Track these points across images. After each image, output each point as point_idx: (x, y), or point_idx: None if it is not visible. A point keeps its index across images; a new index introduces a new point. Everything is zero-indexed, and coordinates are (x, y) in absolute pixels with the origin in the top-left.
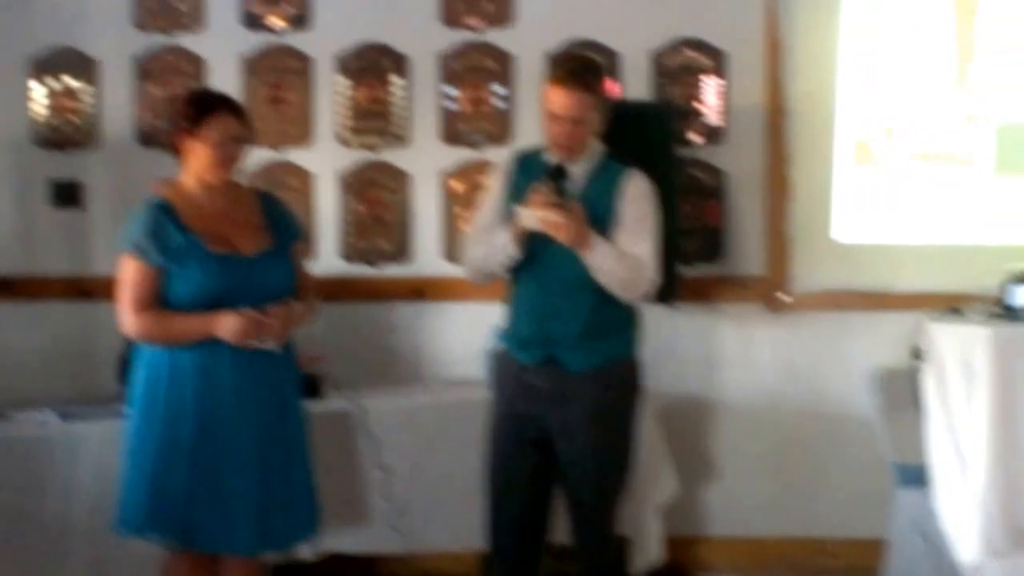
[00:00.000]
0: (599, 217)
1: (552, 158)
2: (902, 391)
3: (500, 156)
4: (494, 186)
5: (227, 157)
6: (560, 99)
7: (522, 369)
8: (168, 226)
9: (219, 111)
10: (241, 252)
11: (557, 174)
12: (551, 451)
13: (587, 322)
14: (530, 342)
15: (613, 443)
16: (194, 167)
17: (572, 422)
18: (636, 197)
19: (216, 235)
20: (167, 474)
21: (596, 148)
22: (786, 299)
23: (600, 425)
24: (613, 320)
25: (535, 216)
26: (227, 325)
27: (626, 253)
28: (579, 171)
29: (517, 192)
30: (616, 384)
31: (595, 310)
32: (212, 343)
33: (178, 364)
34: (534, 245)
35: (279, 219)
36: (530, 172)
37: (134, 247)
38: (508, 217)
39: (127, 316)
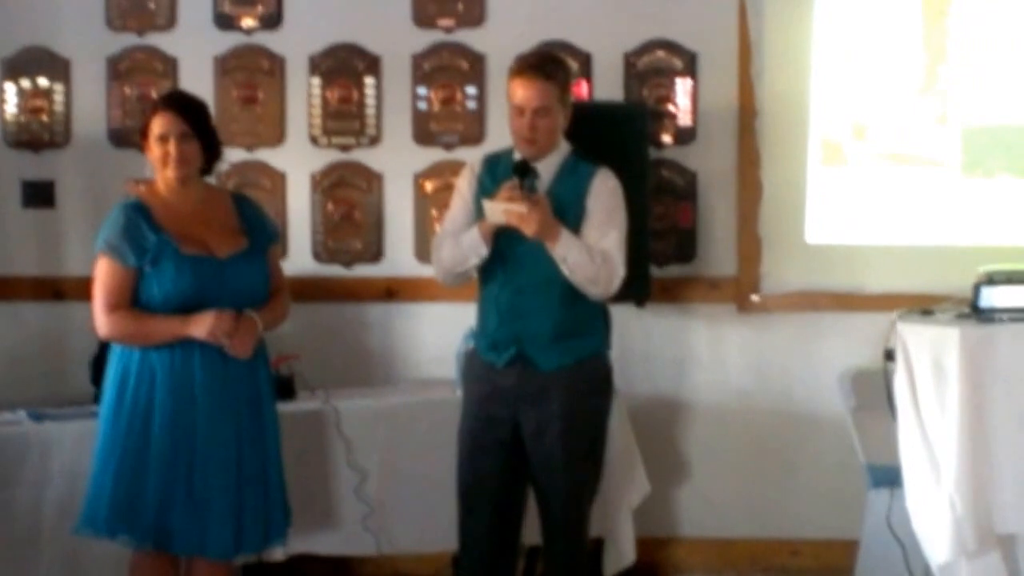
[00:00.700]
0: (567, 214)
1: (518, 155)
2: (873, 391)
3: (472, 156)
4: (463, 187)
5: (167, 154)
6: (522, 89)
7: (492, 370)
8: (142, 226)
9: (160, 110)
10: (215, 254)
11: (523, 169)
12: (522, 452)
13: (557, 321)
14: (500, 342)
15: (585, 443)
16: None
17: (543, 422)
18: (603, 192)
19: (190, 236)
20: (137, 475)
21: (563, 147)
22: (757, 299)
23: (571, 425)
24: (583, 319)
25: (500, 209)
26: (203, 324)
27: (593, 247)
28: (546, 169)
29: (485, 193)
30: (586, 383)
31: (565, 309)
32: (184, 344)
33: (149, 364)
34: (503, 245)
35: (253, 221)
36: (498, 173)
37: (108, 247)
38: (477, 219)
39: (100, 316)
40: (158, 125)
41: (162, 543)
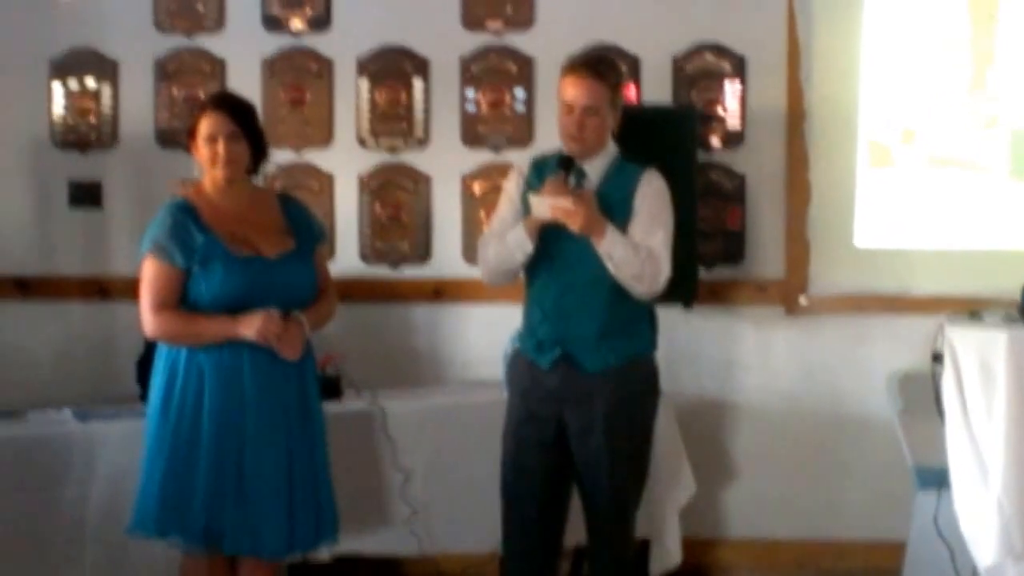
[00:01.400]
0: (614, 213)
1: (565, 152)
2: (921, 394)
3: (520, 159)
4: (510, 189)
5: (215, 154)
6: (572, 87)
7: (538, 370)
8: (190, 227)
9: (209, 110)
10: (264, 254)
11: (568, 165)
12: (567, 452)
13: (603, 322)
14: (545, 342)
15: (631, 444)
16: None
17: (589, 423)
18: (650, 192)
19: (238, 237)
20: (187, 475)
21: (611, 148)
22: (805, 302)
23: (617, 425)
24: (629, 320)
25: (547, 204)
26: (252, 324)
27: (639, 244)
28: (594, 169)
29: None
30: (632, 384)
31: (611, 309)
32: (232, 343)
33: (197, 364)
34: (549, 244)
35: (300, 221)
36: (545, 175)
37: (156, 247)
38: (524, 219)
39: (148, 316)
40: (207, 125)
41: (213, 543)
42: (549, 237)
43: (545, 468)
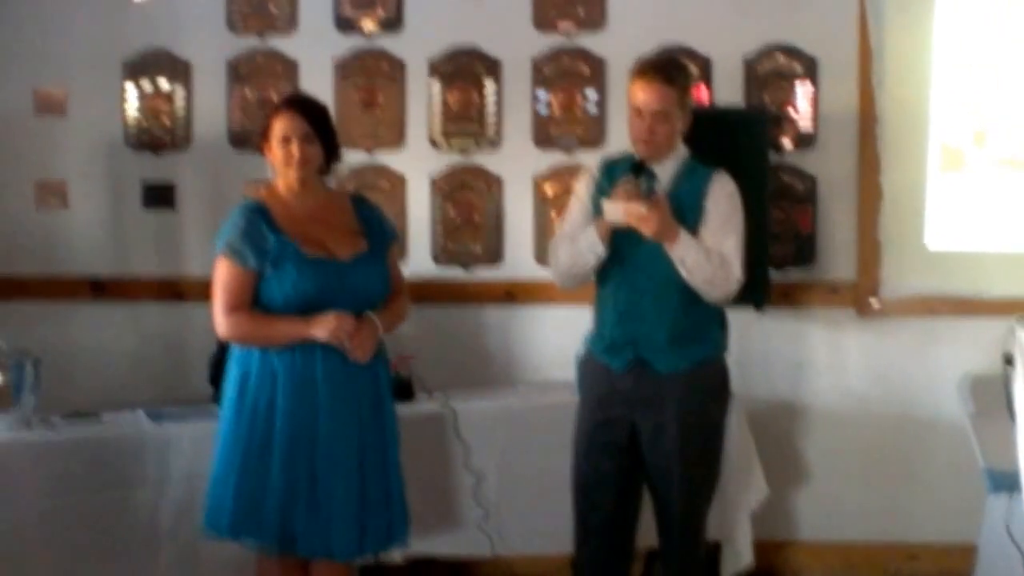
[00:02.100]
0: (685, 216)
1: (636, 156)
2: (992, 396)
3: (592, 160)
4: (581, 191)
5: (290, 155)
6: (642, 92)
7: (610, 373)
8: (263, 228)
9: (283, 111)
10: (336, 256)
11: (639, 169)
12: (638, 454)
13: (675, 324)
14: (618, 345)
15: (702, 446)
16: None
17: (659, 425)
18: (721, 196)
19: (310, 238)
20: (260, 477)
21: (681, 151)
22: (876, 304)
23: (689, 428)
24: (700, 323)
25: (620, 208)
26: (325, 325)
27: (711, 249)
28: (665, 172)
29: (603, 196)
30: (705, 387)
31: (683, 312)
32: (304, 345)
33: (270, 365)
34: (621, 246)
35: (373, 223)
36: (615, 177)
37: (229, 249)
38: (595, 222)
39: (220, 317)
40: (281, 126)
41: (286, 545)
42: (621, 240)
43: (616, 469)
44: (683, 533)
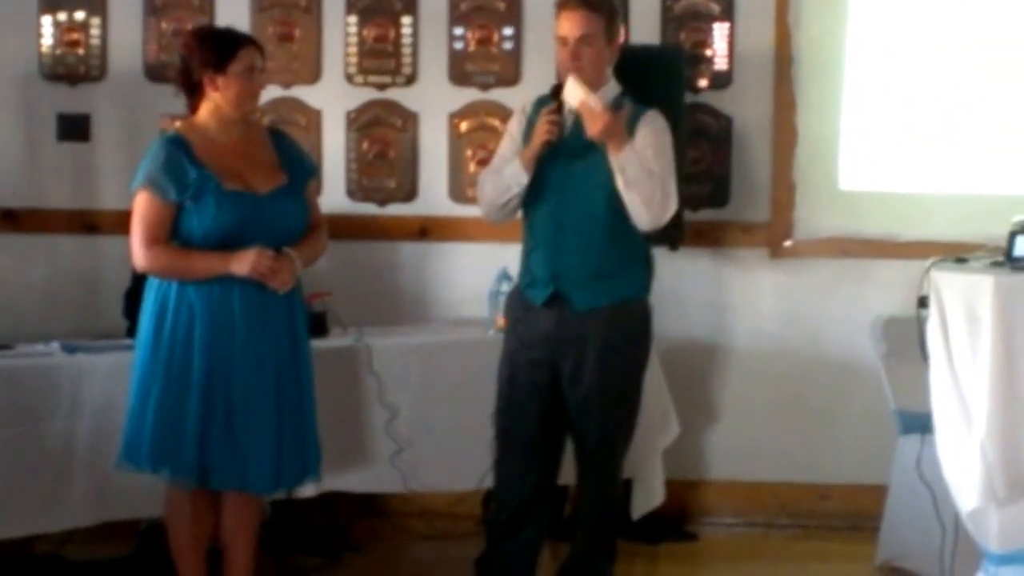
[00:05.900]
0: None
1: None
2: (905, 338)
3: (508, 97)
4: (512, 127)
5: (255, 89)
6: (566, 21)
7: (532, 310)
8: (183, 161)
9: (247, 45)
10: (255, 189)
11: (558, 91)
12: (561, 395)
13: (597, 259)
14: (540, 280)
15: (620, 387)
16: (218, 103)
17: (580, 363)
18: (652, 131)
19: (231, 172)
20: (178, 409)
21: (613, 85)
22: (789, 245)
23: (609, 367)
24: (624, 260)
25: (579, 92)
26: (244, 261)
27: (654, 171)
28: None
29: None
30: (625, 327)
31: (607, 248)
32: (222, 279)
33: (187, 299)
34: (548, 180)
35: (292, 157)
36: None
37: (149, 181)
38: (520, 153)
39: (140, 250)
40: (247, 60)
41: (202, 478)
42: (548, 174)
43: (539, 411)
44: (600, 472)
